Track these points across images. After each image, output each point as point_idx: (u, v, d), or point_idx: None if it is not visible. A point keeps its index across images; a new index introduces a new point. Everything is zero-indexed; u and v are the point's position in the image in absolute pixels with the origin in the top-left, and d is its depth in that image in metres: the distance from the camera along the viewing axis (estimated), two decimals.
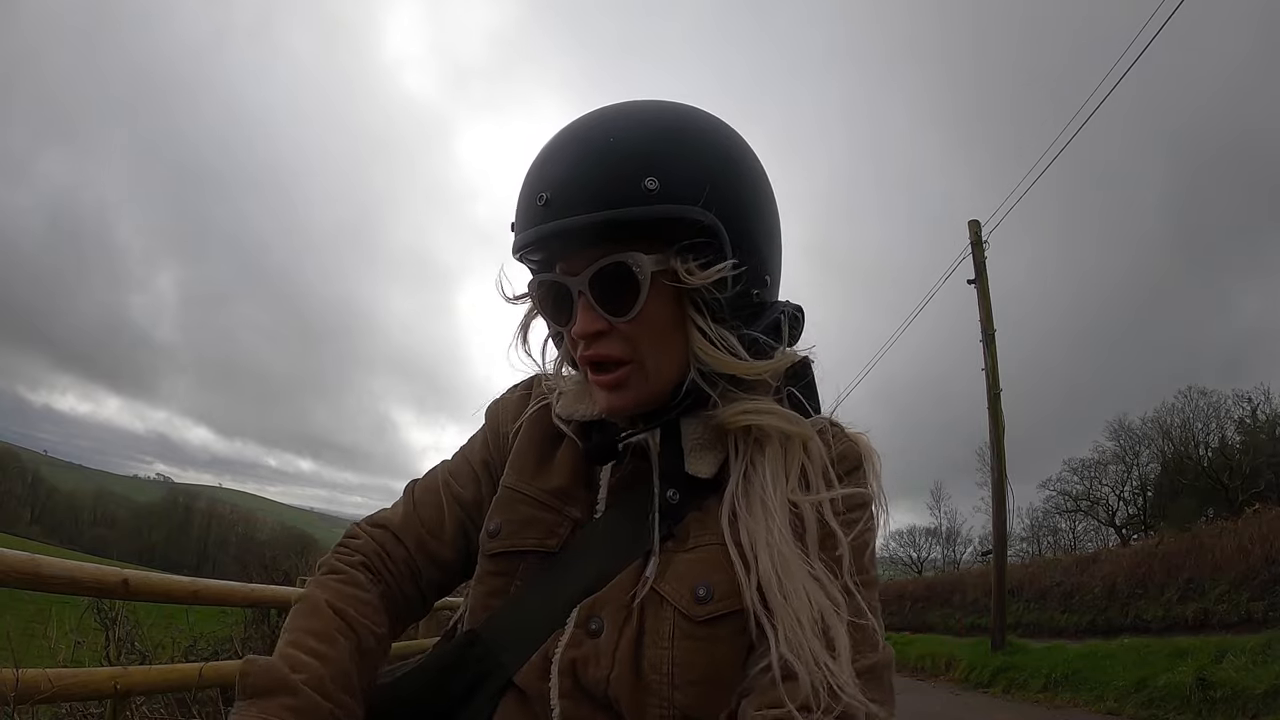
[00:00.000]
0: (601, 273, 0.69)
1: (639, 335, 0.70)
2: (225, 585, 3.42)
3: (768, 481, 0.71)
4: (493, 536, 0.77)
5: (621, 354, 0.71)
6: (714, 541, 0.70)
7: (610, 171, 0.67)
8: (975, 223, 12.13)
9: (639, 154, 0.68)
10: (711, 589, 0.67)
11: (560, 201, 0.67)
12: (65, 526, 63.45)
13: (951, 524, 34.87)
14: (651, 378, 0.72)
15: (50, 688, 2.17)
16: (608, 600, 0.70)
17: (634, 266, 0.68)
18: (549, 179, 0.69)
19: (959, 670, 11.59)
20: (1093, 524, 26.45)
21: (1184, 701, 6.92)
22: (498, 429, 0.86)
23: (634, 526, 0.73)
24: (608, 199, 0.67)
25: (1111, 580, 13.01)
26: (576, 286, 0.70)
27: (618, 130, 0.70)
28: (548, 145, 0.73)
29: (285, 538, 46.40)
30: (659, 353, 0.71)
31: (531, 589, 0.73)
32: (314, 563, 0.88)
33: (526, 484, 0.78)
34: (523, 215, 0.71)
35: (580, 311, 0.70)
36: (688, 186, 0.68)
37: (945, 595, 19.77)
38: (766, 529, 0.68)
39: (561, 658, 0.68)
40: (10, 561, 2.00)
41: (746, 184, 0.73)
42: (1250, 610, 9.73)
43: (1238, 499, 17.93)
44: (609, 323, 0.70)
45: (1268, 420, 21.00)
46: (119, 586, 2.43)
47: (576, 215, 0.67)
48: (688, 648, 0.66)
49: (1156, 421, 23.49)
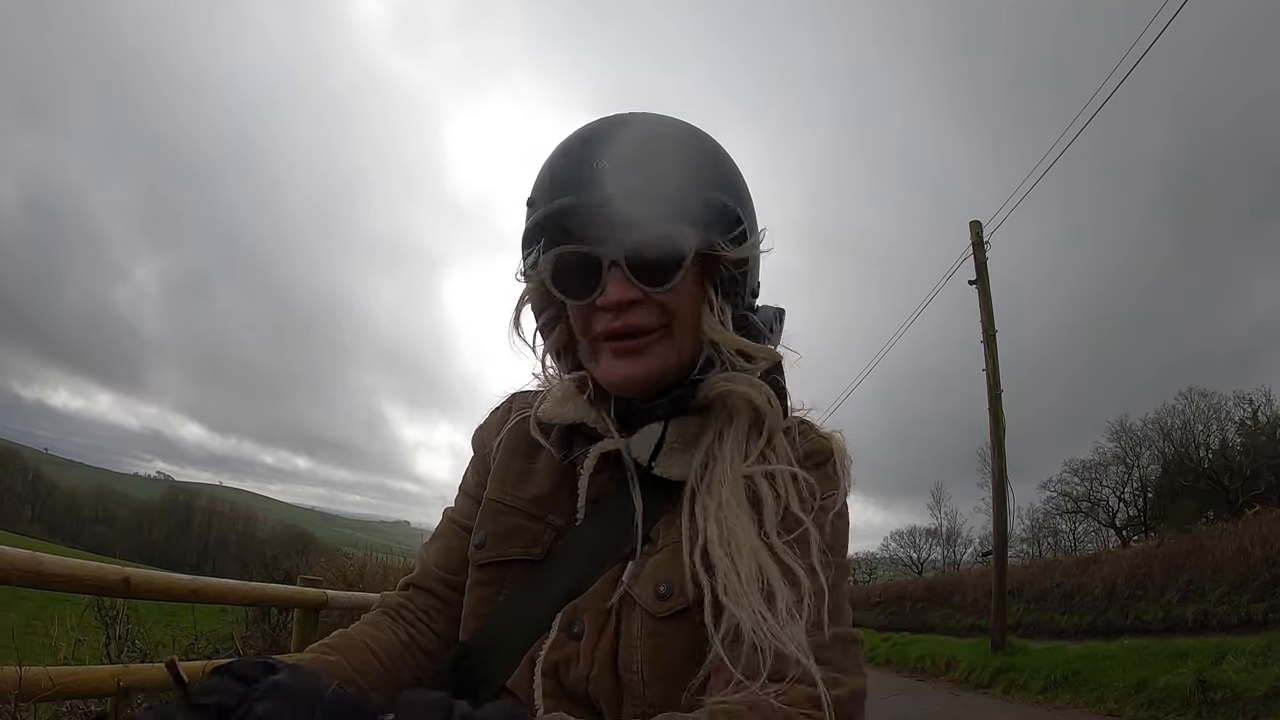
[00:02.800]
0: (642, 245, 0.70)
1: (671, 306, 0.73)
2: (225, 584, 3.42)
3: (727, 457, 0.74)
4: (479, 548, 0.80)
5: (653, 323, 0.73)
6: (677, 539, 0.72)
7: (670, 151, 0.73)
8: (976, 223, 12.11)
9: (680, 142, 0.75)
10: (671, 585, 0.70)
11: (622, 168, 0.70)
12: (66, 524, 63.47)
13: (952, 524, 34.82)
14: (675, 348, 0.74)
15: (51, 685, 2.17)
16: (588, 605, 0.72)
17: (680, 241, 0.71)
18: (603, 150, 0.71)
19: (959, 671, 11.58)
20: (1093, 525, 26.45)
21: (1184, 703, 6.92)
22: (484, 450, 0.89)
23: (613, 532, 0.75)
24: (669, 175, 0.72)
25: (1112, 581, 13.00)
26: (610, 256, 0.71)
27: (653, 122, 0.76)
28: (589, 126, 0.76)
29: (285, 536, 46.42)
30: (684, 325, 0.74)
31: (518, 597, 0.76)
32: (314, 562, 0.93)
33: (509, 494, 0.81)
34: (568, 181, 0.72)
35: (612, 282, 0.71)
36: (718, 176, 0.75)
37: (945, 596, 19.74)
38: (718, 499, 0.71)
39: (545, 660, 0.71)
40: (11, 559, 2.00)
41: (745, 184, 0.79)
42: (1250, 612, 9.72)
43: (1238, 500, 17.91)
44: (644, 293, 0.71)
45: (1268, 422, 20.97)
46: (120, 585, 2.43)
47: (644, 184, 0.70)
48: (653, 645, 0.69)
49: (1157, 423, 23.48)
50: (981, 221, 12.07)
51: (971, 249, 12.06)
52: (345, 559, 9.83)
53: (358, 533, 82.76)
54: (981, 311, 11.85)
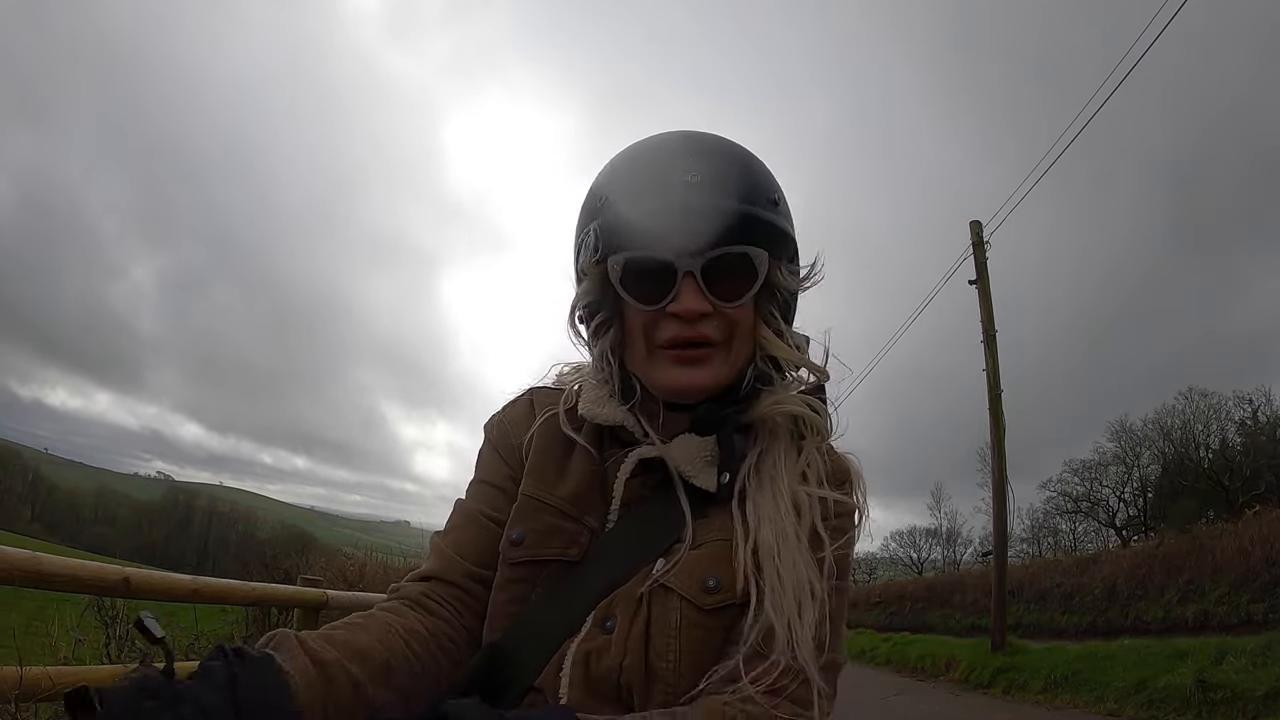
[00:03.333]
0: (721, 259, 0.74)
1: (735, 321, 0.77)
2: (226, 584, 3.42)
3: (780, 466, 0.77)
4: (515, 545, 0.79)
5: (718, 337, 0.76)
6: (721, 538, 0.75)
7: (753, 177, 0.77)
8: (976, 223, 12.11)
9: (764, 172, 0.79)
10: (721, 580, 0.72)
11: (712, 183, 0.73)
12: (66, 524, 63.46)
13: (952, 524, 34.87)
14: (730, 364, 0.78)
15: (52, 686, 2.17)
16: (620, 599, 0.74)
17: (756, 260, 0.75)
18: (695, 163, 0.74)
19: (959, 671, 11.57)
20: (1093, 525, 26.48)
21: (1184, 703, 6.91)
22: (509, 441, 0.87)
23: (646, 535, 0.77)
24: (753, 198, 0.75)
25: (1112, 581, 13.01)
26: (687, 267, 0.73)
27: (736, 148, 0.79)
28: (675, 137, 0.79)
29: (285, 536, 46.42)
30: (742, 342, 0.78)
31: (553, 597, 0.76)
32: (314, 561, 0.90)
33: (547, 493, 0.80)
34: (658, 189, 0.74)
35: (687, 291, 0.74)
36: (786, 208, 0.80)
37: (945, 596, 19.75)
38: (773, 503, 0.74)
39: (576, 651, 0.72)
40: (12, 559, 2.00)
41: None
42: (1250, 612, 9.73)
43: (1238, 500, 17.92)
44: (714, 306, 0.75)
45: (1268, 422, 20.99)
46: (120, 584, 2.43)
47: (732, 201, 0.74)
48: (695, 636, 0.71)
49: (1157, 423, 23.51)
50: (981, 221, 12.09)
51: (971, 249, 12.06)
52: (345, 559, 9.85)
53: (358, 532, 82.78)
54: (981, 311, 11.85)
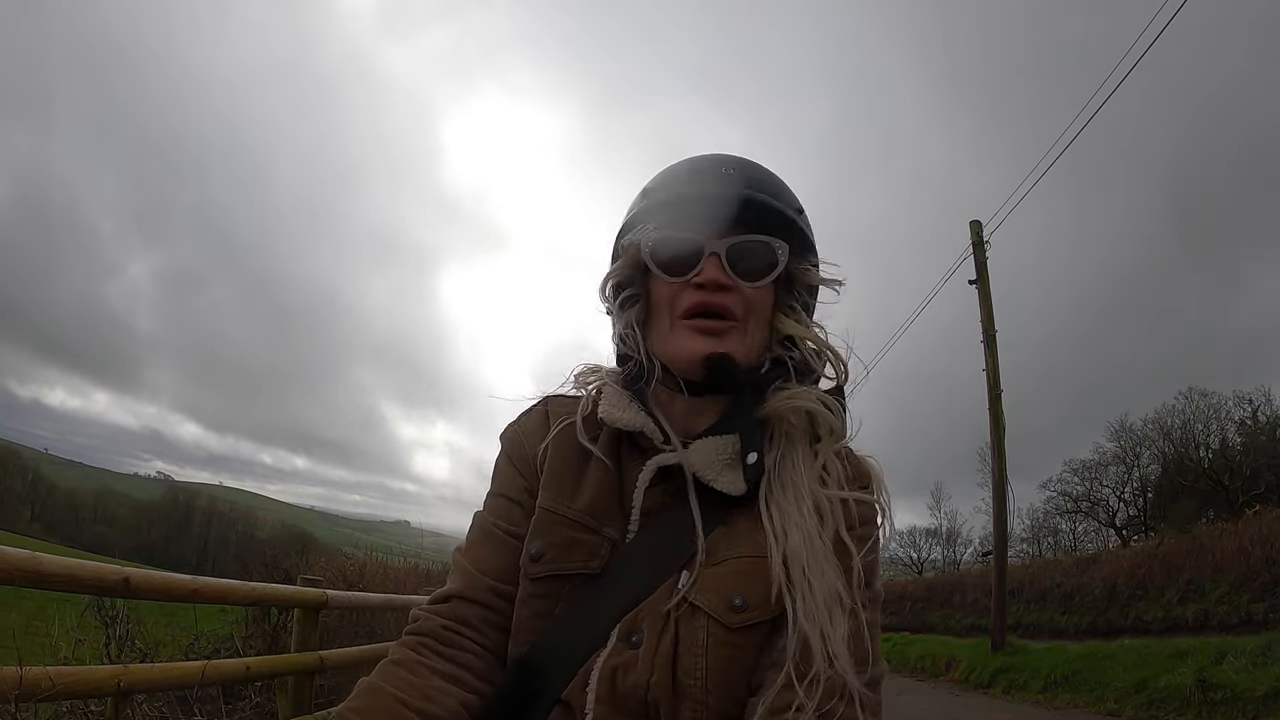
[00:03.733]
0: (743, 244, 0.81)
1: (754, 302, 0.81)
2: (226, 584, 3.42)
3: (800, 469, 0.78)
4: (535, 560, 0.78)
5: (736, 311, 0.80)
6: (746, 554, 0.75)
7: (782, 185, 0.85)
8: (976, 223, 12.10)
9: (783, 182, 0.86)
10: (747, 599, 0.72)
11: (745, 179, 0.82)
12: (65, 524, 63.38)
13: (952, 524, 34.88)
14: (746, 343, 0.81)
15: (52, 685, 2.17)
16: (647, 614, 0.74)
17: (778, 249, 0.82)
18: (732, 162, 0.84)
19: (959, 671, 11.57)
20: (1093, 525, 26.45)
21: (1184, 703, 6.91)
22: (524, 453, 0.86)
23: (668, 544, 0.77)
24: (781, 199, 0.83)
25: (1112, 581, 13.01)
26: (713, 248, 0.80)
27: (766, 168, 0.86)
28: (713, 154, 0.86)
29: (285, 536, 46.37)
30: (758, 324, 0.83)
31: (576, 610, 0.76)
32: (314, 561, 0.90)
33: (565, 505, 0.80)
34: (694, 176, 0.83)
35: (710, 265, 0.80)
36: (806, 218, 0.86)
37: (945, 596, 19.76)
38: (798, 509, 0.75)
39: (603, 666, 0.71)
40: (12, 559, 2.00)
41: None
42: (1250, 612, 9.73)
43: (1238, 500, 17.91)
44: (735, 283, 0.80)
45: (1268, 422, 20.96)
46: (120, 585, 2.43)
47: (763, 194, 0.81)
48: (721, 654, 0.71)
49: (1157, 422, 23.47)
50: (981, 221, 12.08)
51: (971, 249, 12.05)
52: (345, 559, 9.83)
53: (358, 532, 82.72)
54: (981, 312, 11.84)
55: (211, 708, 4.48)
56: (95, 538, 58.20)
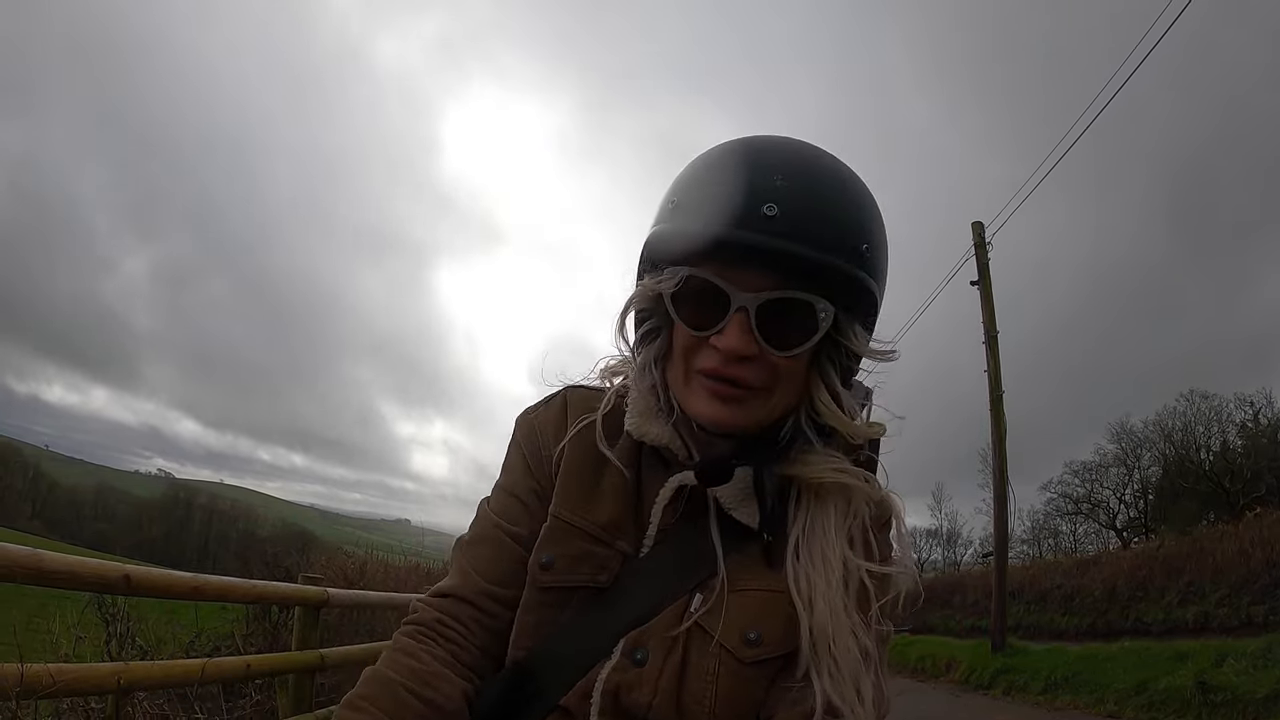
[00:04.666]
0: (778, 302, 0.68)
1: (782, 370, 0.71)
2: (227, 581, 3.42)
3: (831, 536, 0.74)
4: (545, 569, 0.76)
5: (757, 382, 0.71)
6: (763, 589, 0.74)
7: (844, 220, 0.69)
8: (978, 224, 12.09)
9: (862, 214, 0.71)
10: (762, 635, 0.71)
11: (790, 222, 0.66)
12: (66, 521, 63.46)
13: (952, 525, 34.81)
14: (767, 411, 0.73)
15: (53, 682, 2.18)
16: (653, 632, 0.72)
17: (821, 313, 0.69)
18: (780, 194, 0.67)
19: (959, 672, 11.57)
20: (1093, 526, 26.42)
21: (1184, 705, 6.91)
22: (538, 450, 0.82)
23: (681, 564, 0.75)
24: (836, 245, 0.67)
25: (1112, 583, 13.00)
26: (742, 302, 0.68)
27: (839, 181, 0.71)
28: (766, 153, 0.71)
29: (286, 534, 46.43)
30: (786, 391, 0.73)
31: (582, 621, 0.75)
32: (314, 560, 0.89)
33: (579, 516, 0.77)
34: (734, 215, 0.67)
35: (735, 327, 0.69)
36: (880, 262, 0.72)
37: (946, 596, 19.74)
38: (825, 579, 0.72)
39: (606, 680, 0.71)
40: (13, 556, 2.00)
41: (887, 266, 0.75)
42: (1251, 614, 9.72)
43: (1239, 503, 17.89)
44: (761, 350, 0.69)
45: (1269, 424, 20.92)
46: (121, 582, 2.43)
47: (807, 246, 0.66)
48: (732, 685, 0.70)
49: (1158, 424, 23.42)
50: (984, 222, 12.07)
51: (973, 250, 12.04)
52: (346, 557, 9.84)
53: (358, 531, 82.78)
54: (983, 313, 11.83)
55: (212, 705, 4.48)
56: (96, 535, 58.30)
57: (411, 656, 0.74)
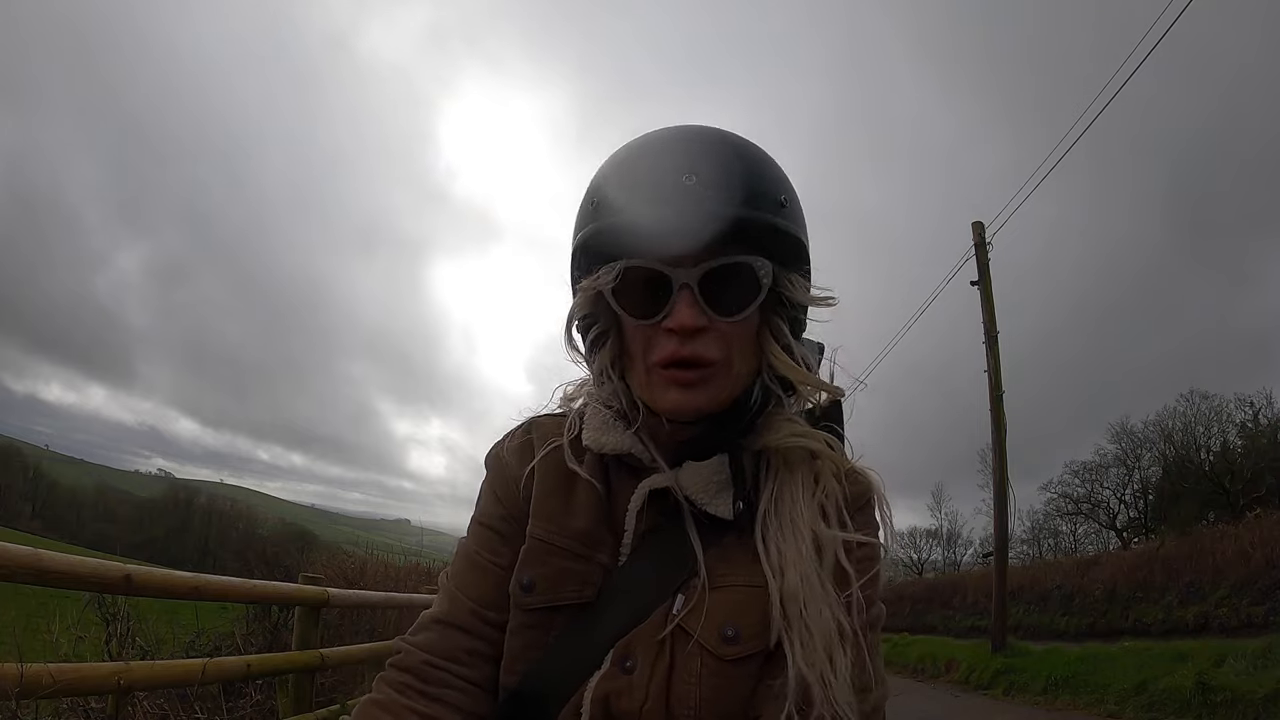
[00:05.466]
0: (719, 270, 0.69)
1: (734, 338, 0.71)
2: (227, 581, 3.43)
3: (799, 503, 0.73)
4: (527, 591, 0.75)
5: (714, 355, 0.70)
6: (739, 583, 0.72)
7: (758, 177, 0.70)
8: (979, 224, 12.08)
9: (773, 170, 0.72)
10: (740, 630, 0.70)
11: (711, 186, 0.67)
12: (66, 521, 63.40)
13: (952, 525, 34.86)
14: (730, 383, 0.73)
15: (53, 682, 2.18)
16: (640, 639, 0.72)
17: (760, 271, 0.70)
18: (696, 163, 0.68)
19: (959, 672, 11.56)
20: (1094, 527, 26.41)
21: (1184, 705, 6.91)
22: (506, 479, 0.82)
23: (661, 568, 0.74)
24: (757, 201, 0.68)
25: (1112, 583, 12.99)
26: (684, 279, 0.68)
27: (745, 145, 0.73)
28: (674, 133, 0.73)
29: (286, 534, 46.44)
30: (743, 358, 0.73)
31: (569, 639, 0.74)
32: (315, 559, 0.88)
33: (556, 534, 0.76)
34: (653, 193, 0.68)
35: (683, 305, 0.68)
36: (800, 214, 0.73)
37: (945, 597, 19.75)
38: (795, 548, 0.71)
39: (595, 689, 0.70)
40: (13, 555, 2.00)
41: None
42: (1251, 615, 9.70)
43: (1239, 503, 17.88)
44: (711, 321, 0.69)
45: (1270, 424, 20.91)
46: (122, 582, 2.43)
47: (735, 206, 0.67)
48: (715, 685, 0.69)
49: (1158, 425, 23.42)
50: (984, 222, 12.07)
51: (974, 250, 12.04)
52: (346, 557, 9.86)
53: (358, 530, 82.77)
54: (984, 313, 11.82)
55: (212, 705, 4.48)
56: (96, 535, 58.17)
57: (391, 713, 0.72)
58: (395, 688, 0.74)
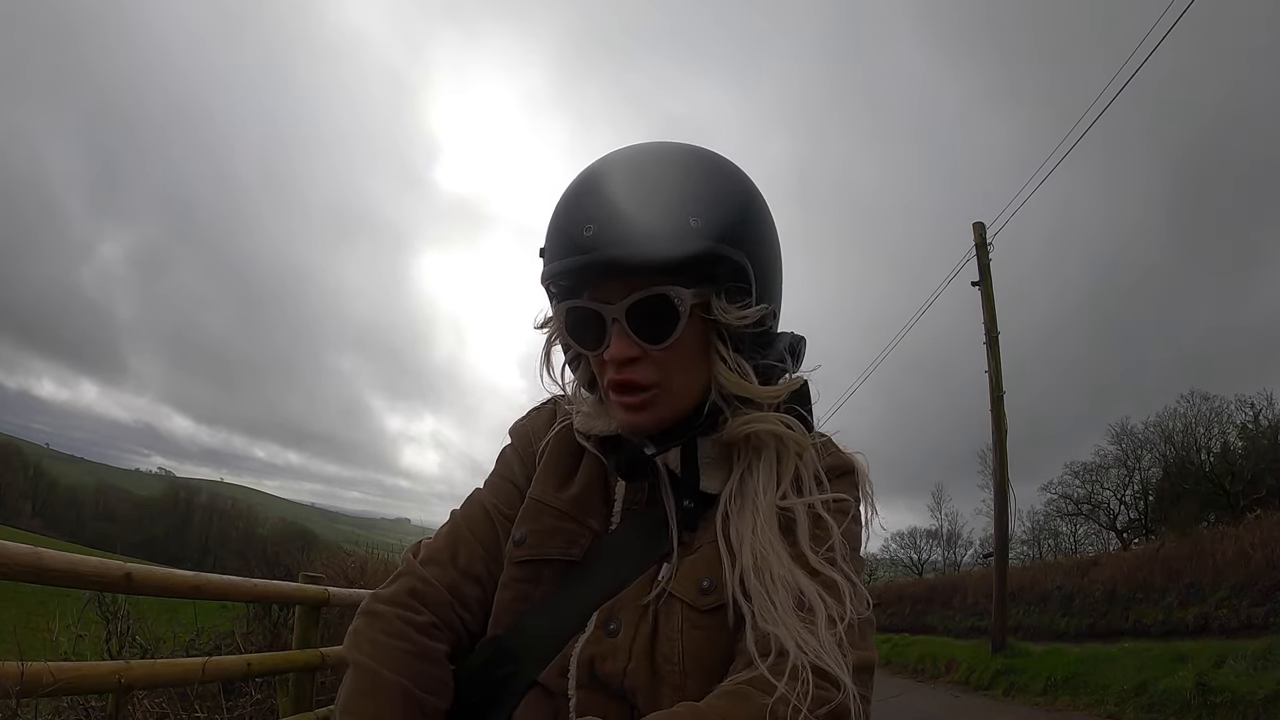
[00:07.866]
0: (640, 303, 0.73)
1: (669, 362, 0.76)
2: (228, 580, 3.43)
3: (760, 486, 0.77)
4: (518, 545, 0.81)
5: (650, 379, 0.75)
6: (712, 540, 0.76)
7: (658, 208, 0.72)
8: (980, 225, 12.08)
9: (681, 193, 0.74)
10: (714, 580, 0.74)
11: (608, 234, 0.71)
12: (66, 520, 63.52)
13: (952, 526, 34.75)
14: (675, 400, 0.77)
15: (53, 681, 2.18)
16: (624, 604, 0.76)
17: (675, 300, 0.73)
18: (593, 212, 0.73)
19: (959, 672, 11.57)
20: (1094, 527, 26.37)
21: (1184, 706, 6.91)
22: (528, 445, 0.90)
23: (648, 538, 0.79)
24: (655, 235, 0.71)
25: (1112, 584, 12.97)
26: (612, 314, 0.74)
27: (658, 169, 0.76)
28: (586, 177, 0.77)
29: (286, 533, 46.46)
30: (685, 378, 0.77)
31: (555, 595, 0.78)
32: (315, 558, 0.90)
33: (551, 496, 0.83)
34: (564, 244, 0.74)
35: (615, 337, 0.74)
36: (723, 226, 0.73)
37: (946, 597, 19.71)
38: (752, 528, 0.74)
39: (580, 653, 0.73)
40: (13, 554, 2.00)
41: (765, 224, 0.79)
42: (1251, 616, 9.69)
43: (1239, 504, 17.86)
44: (643, 349, 0.74)
45: (1270, 425, 20.89)
46: (122, 580, 2.43)
47: (626, 249, 0.71)
48: (696, 637, 0.72)
49: (1158, 425, 23.38)
50: (985, 223, 12.06)
51: (975, 250, 12.03)
52: (346, 556, 9.84)
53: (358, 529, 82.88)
54: (984, 314, 11.82)
55: (212, 704, 4.49)
56: (96, 533, 58.22)
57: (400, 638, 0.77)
58: (392, 603, 0.80)
